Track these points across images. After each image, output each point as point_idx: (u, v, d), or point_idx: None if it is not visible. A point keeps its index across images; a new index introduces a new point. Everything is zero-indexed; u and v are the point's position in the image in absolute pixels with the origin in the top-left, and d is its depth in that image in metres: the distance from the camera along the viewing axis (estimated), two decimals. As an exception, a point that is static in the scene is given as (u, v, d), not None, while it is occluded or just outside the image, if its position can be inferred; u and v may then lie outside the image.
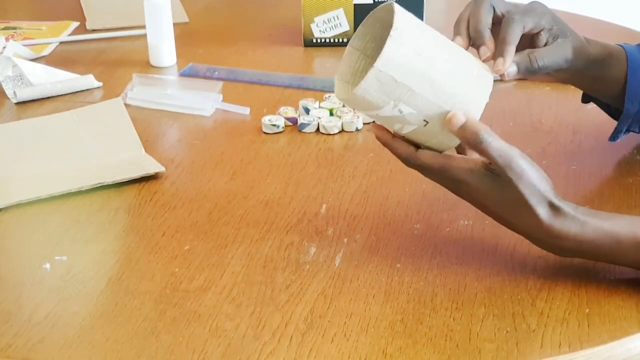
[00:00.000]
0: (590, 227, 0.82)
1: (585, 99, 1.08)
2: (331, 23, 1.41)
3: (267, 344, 0.76)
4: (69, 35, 1.51)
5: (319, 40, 1.43)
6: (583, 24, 1.47)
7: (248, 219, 0.95)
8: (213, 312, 0.81)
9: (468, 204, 0.95)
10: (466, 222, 0.93)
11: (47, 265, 0.88)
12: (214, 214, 0.96)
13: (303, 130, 1.14)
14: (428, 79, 0.80)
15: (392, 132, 0.85)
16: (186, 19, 1.56)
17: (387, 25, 0.80)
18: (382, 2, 1.38)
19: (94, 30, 1.52)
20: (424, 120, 0.81)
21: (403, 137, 0.84)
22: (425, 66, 0.80)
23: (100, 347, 0.77)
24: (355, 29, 1.41)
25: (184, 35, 1.45)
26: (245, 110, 1.20)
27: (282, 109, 1.17)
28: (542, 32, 0.92)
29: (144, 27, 1.37)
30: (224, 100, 1.22)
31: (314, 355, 0.75)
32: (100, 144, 1.11)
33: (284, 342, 0.77)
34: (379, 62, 0.78)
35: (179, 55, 1.37)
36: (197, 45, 1.44)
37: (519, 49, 0.89)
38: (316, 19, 1.41)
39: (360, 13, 1.40)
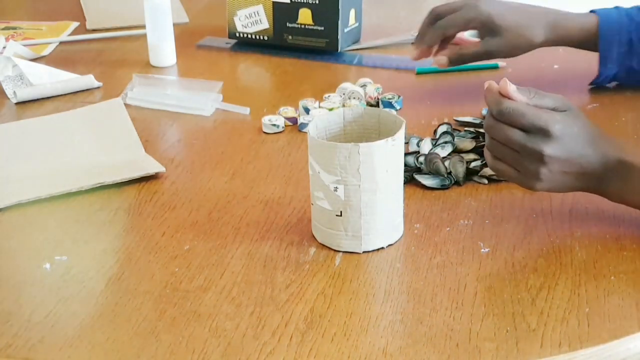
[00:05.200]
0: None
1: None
2: (252, 18, 1.39)
3: (267, 344, 0.76)
4: (69, 35, 1.51)
5: (242, 35, 1.41)
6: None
7: (248, 219, 0.95)
8: (213, 312, 0.81)
9: (467, 204, 0.95)
10: (466, 222, 0.93)
11: (47, 265, 0.88)
12: (214, 213, 0.96)
13: (303, 130, 1.14)
14: None
15: None
16: (186, 19, 1.56)
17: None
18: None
19: (94, 30, 1.52)
20: None
21: None
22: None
23: (100, 347, 0.77)
24: (274, 27, 1.38)
25: (184, 35, 1.45)
26: (245, 110, 1.20)
27: (282, 109, 1.17)
28: (476, 29, 1.19)
29: (144, 27, 1.37)
30: (224, 100, 1.22)
31: (314, 354, 0.75)
32: (100, 144, 1.11)
33: (284, 342, 0.77)
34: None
35: (179, 55, 1.37)
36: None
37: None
38: (239, 12, 1.39)
39: (278, 11, 1.37)
